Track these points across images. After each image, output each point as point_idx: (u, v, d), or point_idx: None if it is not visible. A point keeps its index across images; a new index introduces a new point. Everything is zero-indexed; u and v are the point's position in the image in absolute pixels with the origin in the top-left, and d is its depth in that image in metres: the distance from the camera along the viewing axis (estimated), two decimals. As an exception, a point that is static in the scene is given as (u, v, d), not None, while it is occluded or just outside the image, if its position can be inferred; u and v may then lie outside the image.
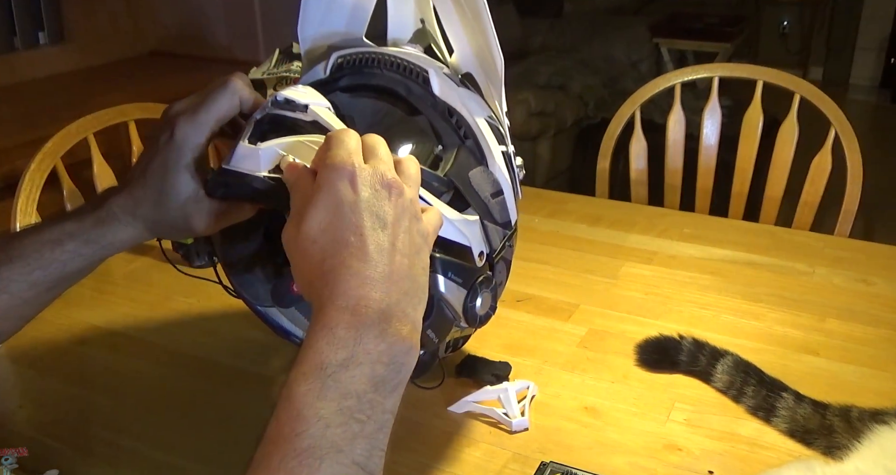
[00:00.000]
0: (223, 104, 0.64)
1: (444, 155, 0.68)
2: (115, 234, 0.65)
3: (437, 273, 0.62)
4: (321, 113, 0.62)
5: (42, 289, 0.64)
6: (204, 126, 0.64)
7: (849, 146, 1.42)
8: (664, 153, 1.59)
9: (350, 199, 0.52)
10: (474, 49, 0.74)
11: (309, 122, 0.62)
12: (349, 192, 0.52)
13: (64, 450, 0.82)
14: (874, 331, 0.99)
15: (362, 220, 0.52)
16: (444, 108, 0.70)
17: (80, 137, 1.37)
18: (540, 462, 0.76)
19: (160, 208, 0.64)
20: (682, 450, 0.79)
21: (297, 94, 0.62)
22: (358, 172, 0.52)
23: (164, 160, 0.64)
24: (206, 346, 0.99)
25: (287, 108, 0.62)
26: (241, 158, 0.61)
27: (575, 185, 3.36)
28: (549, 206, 1.40)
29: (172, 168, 0.63)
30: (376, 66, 0.71)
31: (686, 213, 1.42)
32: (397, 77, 0.70)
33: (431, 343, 0.64)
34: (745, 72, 1.57)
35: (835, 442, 0.77)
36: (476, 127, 0.70)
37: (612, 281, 1.13)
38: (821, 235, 1.30)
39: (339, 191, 0.52)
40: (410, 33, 0.77)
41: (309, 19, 0.75)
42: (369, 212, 0.52)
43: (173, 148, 0.63)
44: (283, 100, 0.62)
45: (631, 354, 0.94)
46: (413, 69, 0.70)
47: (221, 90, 0.64)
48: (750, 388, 0.85)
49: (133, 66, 2.79)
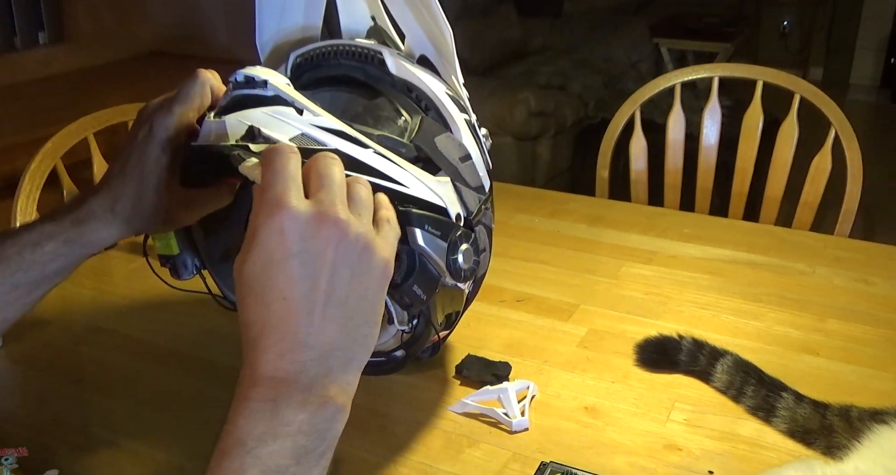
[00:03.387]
0: (195, 94, 0.66)
1: (408, 125, 0.70)
2: (95, 232, 0.65)
3: (413, 227, 0.63)
4: (281, 87, 0.63)
5: (23, 292, 0.65)
6: (179, 117, 0.65)
7: (849, 146, 1.42)
8: (664, 153, 1.59)
9: (278, 255, 0.47)
10: (424, 29, 0.77)
11: (270, 98, 0.62)
12: (279, 246, 0.47)
13: (64, 450, 0.82)
14: (874, 331, 0.99)
15: (290, 279, 0.47)
16: (402, 84, 0.72)
17: (80, 137, 1.37)
18: (540, 462, 0.76)
19: (140, 202, 0.65)
20: (682, 450, 0.79)
21: (256, 71, 0.63)
22: (289, 219, 0.47)
23: (142, 154, 0.65)
24: (206, 346, 0.99)
25: (247, 87, 0.63)
26: (209, 133, 0.61)
27: (575, 185, 3.36)
28: (549, 206, 1.39)
29: (151, 160, 0.64)
30: (333, 57, 0.73)
31: (686, 213, 1.42)
32: (354, 64, 0.73)
33: (420, 300, 0.64)
34: (745, 72, 1.57)
35: (835, 442, 0.77)
36: (436, 98, 0.73)
37: (612, 281, 1.13)
38: (821, 235, 1.30)
39: (268, 244, 0.47)
40: (364, 31, 0.80)
41: (264, 25, 0.78)
42: (300, 267, 0.47)
43: (152, 141, 0.64)
44: (242, 79, 0.63)
45: (631, 354, 0.94)
46: (367, 53, 0.73)
47: (192, 82, 0.66)
48: (750, 388, 0.85)
49: (133, 66, 2.79)
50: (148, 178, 0.64)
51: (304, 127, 0.61)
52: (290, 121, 0.61)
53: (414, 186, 0.64)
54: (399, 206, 0.61)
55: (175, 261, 0.74)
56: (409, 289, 0.64)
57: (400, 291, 0.63)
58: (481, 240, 0.72)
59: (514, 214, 1.35)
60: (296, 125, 0.61)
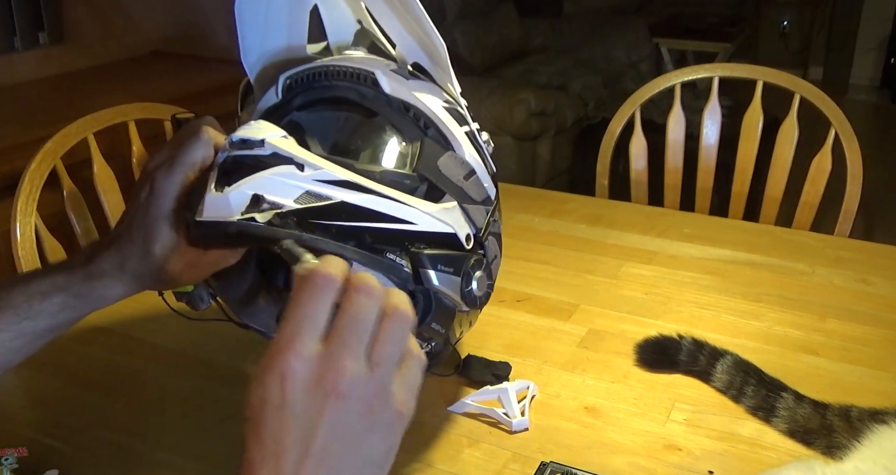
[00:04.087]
0: (197, 154, 0.64)
1: (409, 149, 0.69)
2: (105, 289, 0.65)
3: (427, 268, 0.64)
4: (279, 144, 0.61)
5: (28, 339, 0.65)
6: (180, 177, 0.64)
7: (849, 146, 1.42)
8: (664, 153, 1.59)
9: (276, 400, 0.44)
10: (414, 38, 0.75)
11: (268, 157, 0.61)
12: (277, 391, 0.44)
13: (64, 450, 0.82)
14: (874, 331, 0.99)
15: (283, 427, 0.45)
16: (398, 104, 0.71)
17: (80, 137, 1.37)
18: (540, 462, 0.76)
19: (146, 262, 0.64)
20: (682, 450, 0.79)
21: (251, 131, 0.62)
22: (291, 366, 0.44)
23: (145, 214, 0.64)
24: (206, 346, 0.99)
25: (244, 148, 0.61)
26: (212, 207, 0.60)
27: (575, 185, 3.36)
28: (549, 206, 1.40)
29: (154, 222, 0.64)
30: (324, 78, 0.72)
31: (686, 213, 1.42)
32: (347, 84, 0.71)
33: (439, 335, 0.67)
34: (745, 72, 1.57)
35: (835, 442, 0.77)
36: (434, 115, 0.71)
37: (612, 281, 1.13)
38: (821, 235, 1.30)
39: (269, 385, 0.45)
40: (351, 36, 0.79)
41: (249, 47, 0.77)
42: (294, 418, 0.44)
43: (153, 202, 0.64)
44: (238, 140, 0.62)
45: (631, 354, 0.94)
46: (359, 74, 0.71)
47: (195, 141, 0.64)
48: (750, 388, 0.85)
49: (133, 66, 2.79)
50: (152, 243, 0.64)
51: (306, 184, 0.60)
52: (293, 180, 0.60)
53: (422, 222, 0.64)
54: (411, 248, 0.63)
55: (191, 295, 0.74)
56: (428, 327, 0.66)
57: (419, 330, 0.66)
58: (491, 251, 0.73)
59: (514, 214, 1.35)
60: (298, 184, 0.60)
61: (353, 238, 0.61)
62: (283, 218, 0.59)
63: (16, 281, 0.65)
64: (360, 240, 0.61)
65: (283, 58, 0.78)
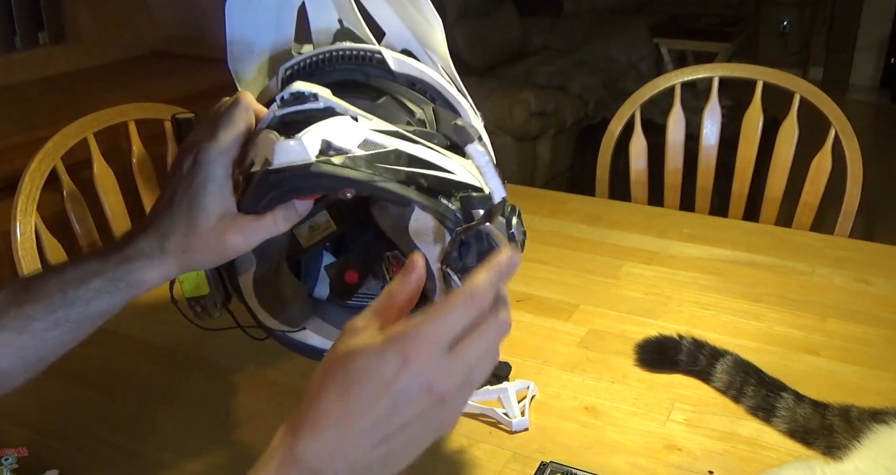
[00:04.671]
0: (240, 120, 0.64)
1: (426, 116, 0.70)
2: (143, 271, 0.63)
3: (477, 209, 0.66)
4: (332, 98, 0.63)
5: (64, 330, 0.63)
6: (226, 144, 0.63)
7: (849, 146, 1.42)
8: (664, 153, 1.59)
9: (386, 377, 0.46)
10: (405, 22, 0.76)
11: (323, 110, 0.63)
12: (392, 370, 0.46)
13: (64, 450, 0.82)
14: (874, 331, 0.99)
15: (375, 404, 0.46)
16: (404, 80, 0.72)
17: (80, 137, 1.37)
18: (540, 462, 0.76)
19: (191, 236, 0.63)
20: (682, 450, 0.79)
21: (303, 86, 0.63)
22: (421, 361, 0.46)
23: (190, 184, 0.63)
24: (206, 346, 0.99)
25: (297, 103, 0.63)
26: (285, 153, 0.60)
27: (575, 185, 3.36)
28: (549, 206, 1.39)
29: (201, 191, 0.62)
30: (327, 64, 0.72)
31: (686, 213, 1.42)
32: (350, 67, 0.72)
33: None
34: (745, 72, 1.57)
35: (835, 442, 0.77)
36: (440, 86, 0.73)
37: (612, 281, 1.13)
38: (821, 235, 1.30)
39: (387, 360, 0.46)
40: (331, 36, 0.79)
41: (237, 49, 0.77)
42: (390, 403, 0.46)
43: (199, 171, 0.63)
44: (291, 95, 0.63)
45: (631, 354, 0.94)
46: (365, 54, 0.72)
47: (235, 107, 0.64)
48: (750, 388, 0.85)
49: (133, 66, 2.79)
50: (199, 211, 0.62)
51: (365, 133, 0.63)
52: (351, 129, 0.62)
53: (460, 172, 0.66)
54: (458, 194, 0.66)
55: (206, 301, 0.74)
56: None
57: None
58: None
59: (514, 214, 1.35)
60: (357, 132, 0.62)
61: (412, 182, 0.63)
62: (354, 161, 0.60)
63: (50, 270, 0.64)
64: (418, 185, 0.63)
65: (272, 58, 0.78)
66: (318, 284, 0.87)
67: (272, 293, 0.75)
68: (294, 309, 0.78)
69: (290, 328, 0.77)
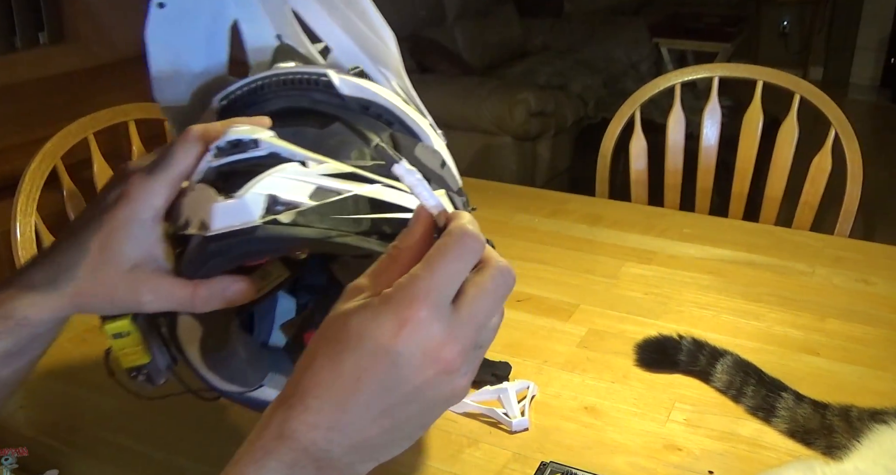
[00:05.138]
0: (181, 160, 0.56)
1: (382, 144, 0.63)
2: (28, 308, 0.54)
3: None
4: (275, 142, 0.56)
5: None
6: (161, 185, 0.55)
7: (849, 146, 1.43)
8: (664, 153, 1.59)
9: (381, 343, 0.41)
10: (353, 37, 0.68)
11: (267, 156, 0.56)
12: (388, 334, 0.41)
13: (64, 450, 0.82)
14: (874, 331, 0.99)
15: (373, 371, 0.41)
16: (356, 104, 0.65)
17: (80, 137, 1.37)
18: (540, 462, 0.76)
19: (95, 279, 0.54)
20: (682, 450, 0.79)
21: (241, 132, 0.56)
22: (419, 322, 0.41)
23: (111, 219, 0.54)
24: (206, 346, 0.99)
25: (237, 151, 0.55)
26: (224, 215, 0.53)
27: (575, 185, 3.36)
28: (549, 206, 1.40)
29: (121, 231, 0.54)
30: (267, 90, 0.64)
31: (686, 213, 1.42)
32: (294, 93, 0.64)
33: None
34: (745, 72, 1.57)
35: (835, 442, 0.77)
36: (396, 109, 0.66)
37: (612, 281, 1.13)
38: (821, 235, 1.30)
39: (381, 324, 0.41)
40: (270, 54, 0.71)
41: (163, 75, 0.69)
42: (388, 369, 0.41)
43: (125, 206, 0.54)
44: (228, 143, 0.55)
45: (631, 354, 0.94)
46: (309, 78, 0.64)
47: (180, 144, 0.56)
48: (749, 388, 0.85)
49: (133, 66, 2.78)
50: (112, 253, 0.54)
51: (316, 180, 0.55)
52: (302, 177, 0.55)
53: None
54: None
55: (148, 368, 0.63)
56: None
57: None
58: None
59: (514, 214, 1.35)
60: (308, 180, 0.55)
61: (374, 231, 0.56)
62: (306, 216, 0.54)
63: None
64: (381, 233, 0.56)
65: (205, 86, 0.70)
66: (273, 332, 0.77)
67: (223, 356, 0.66)
68: (249, 370, 0.69)
69: (246, 389, 0.69)
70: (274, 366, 0.71)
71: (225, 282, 0.56)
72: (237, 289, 0.57)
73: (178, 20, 0.67)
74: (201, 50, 0.69)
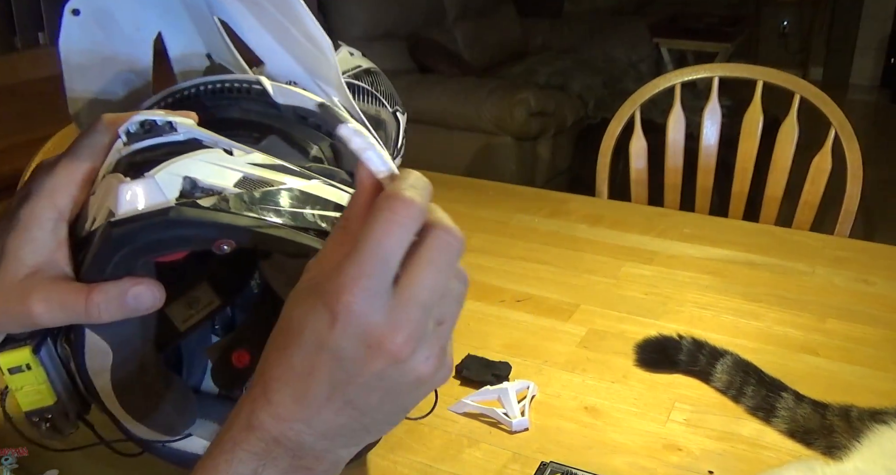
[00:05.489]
0: (89, 150, 0.50)
1: (322, 154, 0.58)
2: None
3: None
4: (195, 128, 0.50)
5: None
6: (63, 182, 0.49)
7: (849, 146, 1.43)
8: (664, 153, 1.59)
9: (317, 339, 0.39)
10: (289, 49, 0.62)
11: (187, 142, 0.49)
12: (321, 329, 0.38)
13: (64, 450, 0.82)
14: (874, 331, 0.99)
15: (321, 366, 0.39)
16: (292, 113, 0.59)
17: (80, 137, 1.37)
18: (540, 462, 0.76)
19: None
20: (682, 450, 0.79)
21: (154, 114, 0.49)
22: (351, 314, 0.38)
23: (10, 221, 0.49)
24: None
25: (150, 136, 0.49)
26: (134, 198, 0.45)
27: (575, 185, 3.36)
28: (549, 206, 1.40)
29: (19, 233, 0.48)
30: (194, 100, 0.58)
31: (686, 213, 1.42)
32: (225, 102, 0.58)
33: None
34: (745, 72, 1.57)
35: (834, 442, 0.77)
36: (335, 119, 0.60)
37: (612, 281, 1.13)
38: (821, 235, 1.30)
39: (314, 318, 0.38)
40: (200, 73, 0.66)
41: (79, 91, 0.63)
42: (335, 363, 0.39)
43: (27, 206, 0.48)
44: (137, 128, 0.49)
45: (631, 354, 0.94)
46: (241, 86, 0.58)
47: (88, 132, 0.50)
48: (749, 388, 0.85)
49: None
50: (9, 257, 0.48)
51: (242, 168, 0.49)
52: (226, 164, 0.49)
53: None
54: None
55: (53, 413, 0.54)
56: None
57: None
58: None
59: (514, 214, 1.35)
60: (233, 167, 0.49)
61: (310, 227, 0.49)
62: (231, 202, 0.47)
63: None
64: (318, 230, 0.49)
65: (124, 97, 0.64)
66: (206, 376, 0.69)
67: (140, 393, 0.57)
68: (172, 412, 0.60)
69: (171, 437, 0.61)
70: (206, 411, 0.63)
71: (124, 284, 0.47)
72: (140, 292, 0.47)
73: (93, 29, 0.60)
74: (120, 62, 0.63)
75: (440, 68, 3.49)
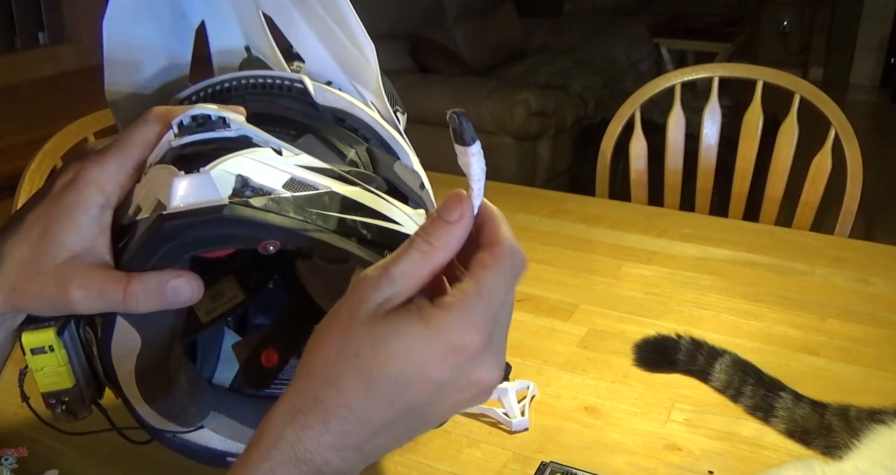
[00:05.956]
0: (140, 140, 0.50)
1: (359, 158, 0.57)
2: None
3: None
4: (246, 125, 0.50)
5: None
6: (114, 169, 0.49)
7: (849, 146, 1.43)
8: (664, 153, 1.59)
9: (428, 370, 0.39)
10: (331, 49, 0.62)
11: (237, 138, 0.50)
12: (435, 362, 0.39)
13: (64, 450, 0.82)
14: (874, 331, 0.99)
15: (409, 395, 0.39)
16: (330, 115, 0.59)
17: (80, 137, 1.37)
18: (540, 462, 0.76)
19: (29, 270, 0.48)
20: (682, 450, 0.79)
21: (208, 108, 0.50)
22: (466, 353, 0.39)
23: (55, 205, 0.49)
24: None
25: (203, 130, 0.49)
26: (188, 192, 0.45)
27: (575, 185, 3.36)
28: (549, 206, 1.40)
29: (63, 217, 0.48)
30: (233, 93, 0.58)
31: (686, 213, 1.42)
32: (263, 98, 0.58)
33: None
34: (745, 72, 1.57)
35: (833, 441, 0.77)
36: (375, 123, 0.61)
37: (612, 281, 1.13)
38: (821, 235, 1.30)
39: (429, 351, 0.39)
40: (237, 65, 0.65)
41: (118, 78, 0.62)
42: (430, 393, 0.39)
43: (73, 192, 0.48)
44: (190, 121, 0.49)
45: (630, 354, 0.94)
46: (282, 83, 0.58)
47: (139, 123, 0.50)
48: (748, 388, 0.85)
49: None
50: (50, 242, 0.48)
51: (290, 169, 0.49)
52: (276, 164, 0.49)
53: (406, 224, 0.52)
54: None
55: (70, 396, 0.53)
56: None
57: None
58: None
59: (514, 214, 1.35)
60: (282, 169, 0.49)
61: (353, 234, 0.49)
62: (280, 204, 0.47)
63: None
64: (360, 237, 0.49)
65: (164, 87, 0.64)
66: (218, 368, 0.69)
67: (161, 384, 0.57)
68: (189, 404, 0.60)
69: (183, 428, 0.60)
70: (217, 404, 0.64)
71: (164, 275, 0.47)
72: (179, 284, 0.47)
73: (138, 13, 0.60)
74: (162, 48, 0.62)
75: (440, 68, 3.49)
